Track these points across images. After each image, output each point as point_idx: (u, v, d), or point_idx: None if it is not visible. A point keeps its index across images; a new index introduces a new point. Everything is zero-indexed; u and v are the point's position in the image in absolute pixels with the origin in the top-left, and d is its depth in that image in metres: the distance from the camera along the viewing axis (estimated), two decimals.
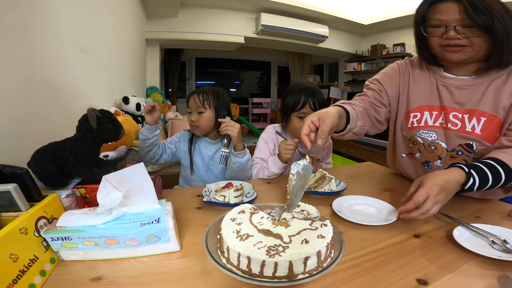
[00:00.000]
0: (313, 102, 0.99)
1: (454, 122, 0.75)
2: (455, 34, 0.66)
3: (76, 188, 0.63)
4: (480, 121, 0.71)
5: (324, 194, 0.80)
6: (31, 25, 0.91)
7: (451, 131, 0.76)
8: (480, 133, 0.71)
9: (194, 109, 1.02)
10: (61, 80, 1.12)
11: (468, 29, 0.64)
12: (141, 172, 0.54)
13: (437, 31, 0.69)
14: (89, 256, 0.50)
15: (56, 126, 1.02)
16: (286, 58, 5.88)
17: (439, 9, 0.67)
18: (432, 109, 0.79)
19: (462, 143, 0.75)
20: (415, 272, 0.46)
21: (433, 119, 0.79)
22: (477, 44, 0.66)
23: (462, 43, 0.66)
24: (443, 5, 0.67)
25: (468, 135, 0.73)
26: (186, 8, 3.44)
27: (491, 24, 0.61)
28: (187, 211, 0.72)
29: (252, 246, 0.43)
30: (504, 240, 0.52)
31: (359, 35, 4.75)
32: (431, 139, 0.79)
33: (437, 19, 0.68)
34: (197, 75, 5.54)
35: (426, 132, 0.80)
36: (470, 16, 0.62)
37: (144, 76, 3.45)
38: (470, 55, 0.68)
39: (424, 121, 0.80)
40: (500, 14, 0.61)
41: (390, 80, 0.88)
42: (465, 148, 0.74)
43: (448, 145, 0.77)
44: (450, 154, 0.78)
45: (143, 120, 2.07)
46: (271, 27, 3.66)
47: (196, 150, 1.10)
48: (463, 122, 0.74)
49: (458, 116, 0.75)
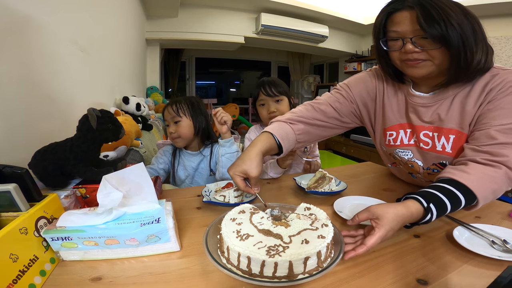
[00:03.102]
0: (264, 88, 1.09)
1: (425, 141, 0.71)
2: (412, 47, 0.59)
3: (77, 188, 0.63)
4: (449, 139, 0.67)
5: (324, 194, 0.80)
6: (30, 24, 0.91)
7: (423, 150, 0.72)
8: (451, 151, 0.67)
9: (170, 120, 1.03)
10: (61, 80, 1.12)
11: (425, 40, 0.58)
12: (141, 172, 0.54)
13: (396, 45, 0.63)
14: (89, 256, 0.50)
15: (56, 126, 1.02)
16: (286, 58, 5.88)
17: (395, 20, 0.61)
18: (405, 127, 0.75)
19: (436, 162, 0.71)
20: (415, 272, 0.46)
21: (408, 137, 0.75)
22: (436, 58, 0.59)
23: (421, 57, 0.60)
24: (398, 15, 0.61)
25: (440, 154, 0.69)
26: (186, 8, 3.44)
27: (445, 34, 0.55)
28: (187, 211, 0.72)
29: (252, 246, 0.43)
30: (504, 240, 0.52)
31: (359, 35, 4.75)
32: (407, 158, 0.76)
33: (394, 31, 0.62)
34: (197, 75, 5.53)
35: (402, 151, 0.77)
36: (422, 27, 0.56)
37: (144, 76, 3.45)
38: (430, 69, 0.62)
39: (400, 140, 0.76)
40: (457, 21, 0.55)
41: (365, 89, 0.81)
42: (439, 166, 0.71)
43: (424, 163, 0.74)
44: (426, 171, 0.75)
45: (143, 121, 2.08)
46: (271, 27, 3.66)
47: (180, 164, 1.10)
48: (433, 141, 0.70)
49: (428, 135, 0.71)
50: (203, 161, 1.10)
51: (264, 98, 1.10)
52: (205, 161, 1.10)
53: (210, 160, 1.09)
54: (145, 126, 2.07)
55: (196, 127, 1.04)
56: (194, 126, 1.03)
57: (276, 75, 6.29)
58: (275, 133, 0.72)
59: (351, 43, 4.69)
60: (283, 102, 1.10)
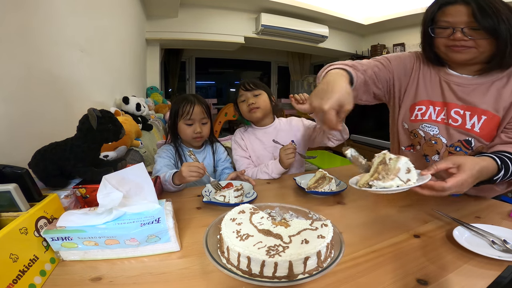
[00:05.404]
0: (243, 85, 1.12)
1: (455, 118, 0.77)
2: (461, 35, 0.68)
3: (77, 188, 0.63)
4: (481, 119, 0.73)
5: (324, 194, 0.80)
6: (30, 25, 0.91)
7: (451, 127, 0.78)
8: (479, 131, 0.74)
9: (198, 120, 1.03)
10: (61, 80, 1.12)
11: (474, 31, 0.67)
12: (141, 172, 0.54)
13: (444, 32, 0.71)
14: (89, 256, 0.50)
15: (56, 126, 1.02)
16: (286, 58, 5.87)
17: (447, 12, 0.70)
18: (435, 104, 0.81)
19: (462, 139, 0.76)
20: (415, 272, 0.46)
21: (436, 113, 0.81)
22: (482, 46, 0.68)
23: (468, 44, 0.69)
24: (452, 8, 0.69)
25: (467, 132, 0.75)
26: (186, 8, 3.44)
27: (496, 27, 0.63)
28: (187, 211, 0.72)
29: (252, 246, 0.43)
30: (504, 240, 0.52)
31: (359, 35, 4.75)
32: (433, 133, 0.81)
33: (445, 21, 0.70)
34: (197, 75, 5.53)
35: (429, 126, 0.81)
36: (478, 20, 0.64)
37: (144, 76, 3.45)
38: (474, 55, 0.70)
39: (428, 115, 0.82)
40: (506, 16, 0.64)
41: (402, 64, 0.87)
42: (464, 144, 0.76)
43: (448, 140, 0.79)
44: (449, 149, 0.79)
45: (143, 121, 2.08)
46: (271, 27, 3.66)
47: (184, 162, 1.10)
48: (464, 119, 0.76)
49: (459, 113, 0.76)
50: (206, 158, 1.11)
51: (243, 94, 1.11)
52: (209, 158, 1.11)
53: (214, 158, 1.11)
54: (145, 126, 2.08)
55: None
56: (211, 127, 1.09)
57: (276, 75, 6.29)
58: (348, 69, 0.71)
59: (351, 43, 4.69)
60: (262, 96, 1.10)
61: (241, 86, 1.13)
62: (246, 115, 1.14)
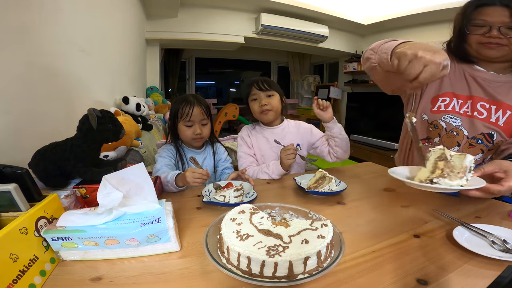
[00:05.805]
0: (257, 83, 1.10)
1: (480, 111, 0.80)
2: (497, 33, 0.73)
3: (77, 188, 0.63)
4: (506, 114, 0.77)
5: (324, 194, 0.80)
6: (30, 25, 0.91)
7: (476, 119, 0.80)
8: (502, 125, 0.78)
9: (197, 121, 1.02)
10: (61, 80, 1.12)
11: (510, 30, 0.72)
12: (141, 172, 0.54)
13: (480, 30, 0.76)
14: (89, 256, 0.50)
15: (56, 126, 1.02)
16: (286, 58, 5.87)
17: (485, 12, 0.75)
18: (459, 97, 0.84)
19: (485, 132, 0.80)
20: (415, 272, 0.46)
21: (459, 105, 0.83)
22: None
23: (502, 42, 0.73)
24: (490, 9, 0.74)
25: (491, 125, 0.79)
26: (186, 8, 3.43)
27: None
28: (187, 211, 0.72)
29: (252, 246, 0.43)
30: (504, 240, 0.52)
31: (359, 35, 4.74)
32: (455, 125, 0.83)
33: (482, 20, 0.75)
34: (197, 75, 5.53)
35: (452, 117, 0.83)
36: None
37: (144, 76, 3.45)
38: (505, 53, 0.75)
39: (452, 106, 0.84)
40: None
41: None
42: (486, 137, 0.79)
43: (470, 133, 0.81)
44: (469, 141, 0.81)
45: (143, 121, 2.08)
46: (271, 27, 3.65)
47: (185, 163, 1.10)
48: (489, 112, 0.79)
49: (485, 106, 0.80)
50: (206, 158, 1.11)
51: (256, 93, 1.11)
52: (209, 159, 1.11)
53: (214, 158, 1.11)
54: (145, 126, 2.07)
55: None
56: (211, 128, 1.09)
57: (276, 75, 6.29)
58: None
59: (351, 43, 4.68)
60: (275, 97, 1.11)
61: (254, 84, 1.11)
62: (256, 115, 1.13)
